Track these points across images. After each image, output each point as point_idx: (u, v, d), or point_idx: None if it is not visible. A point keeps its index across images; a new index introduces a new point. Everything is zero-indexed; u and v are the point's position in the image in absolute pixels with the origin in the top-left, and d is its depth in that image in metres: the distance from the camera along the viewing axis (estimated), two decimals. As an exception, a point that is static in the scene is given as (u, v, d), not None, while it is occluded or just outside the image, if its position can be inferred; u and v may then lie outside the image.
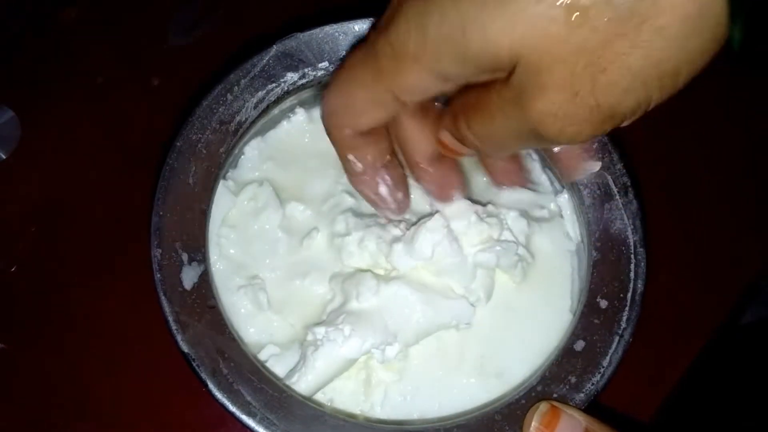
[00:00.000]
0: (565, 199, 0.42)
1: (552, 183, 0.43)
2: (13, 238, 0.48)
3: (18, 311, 0.46)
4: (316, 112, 0.44)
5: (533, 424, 0.31)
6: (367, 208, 0.41)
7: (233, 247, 0.40)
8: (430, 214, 0.39)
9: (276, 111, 0.42)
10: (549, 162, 0.42)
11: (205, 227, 0.37)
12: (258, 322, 0.39)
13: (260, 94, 0.39)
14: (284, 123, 0.44)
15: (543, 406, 0.32)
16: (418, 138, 0.35)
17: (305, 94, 0.42)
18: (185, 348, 0.33)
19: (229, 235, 0.41)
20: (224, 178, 0.41)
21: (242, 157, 0.43)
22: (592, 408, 0.34)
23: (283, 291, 0.40)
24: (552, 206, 0.43)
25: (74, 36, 0.54)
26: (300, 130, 0.44)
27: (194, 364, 0.33)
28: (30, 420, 0.44)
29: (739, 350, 0.51)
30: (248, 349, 0.36)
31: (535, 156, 0.44)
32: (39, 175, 0.50)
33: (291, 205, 0.42)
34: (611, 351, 0.35)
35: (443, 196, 0.39)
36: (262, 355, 0.38)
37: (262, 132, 0.43)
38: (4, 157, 0.50)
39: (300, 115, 0.44)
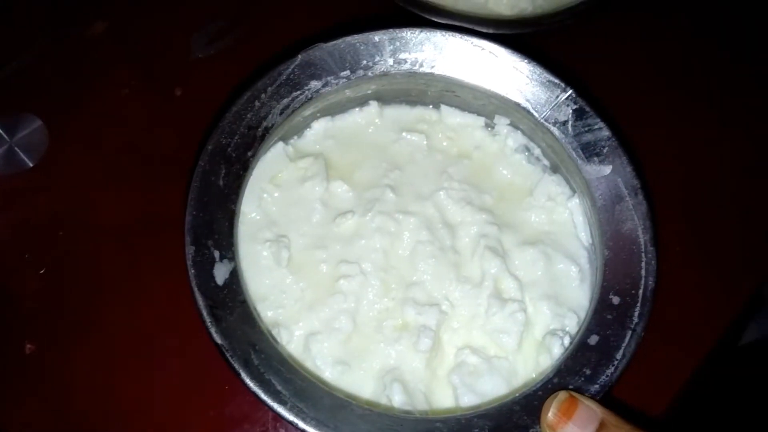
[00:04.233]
0: (575, 203, 0.44)
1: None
2: (42, 243, 0.49)
3: (46, 314, 0.47)
4: (388, 108, 0.47)
5: (551, 411, 0.32)
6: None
7: (274, 204, 0.43)
8: None
9: (299, 118, 0.44)
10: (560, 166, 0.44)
11: (234, 226, 0.38)
12: (274, 276, 0.41)
13: (285, 101, 0.41)
14: (357, 109, 0.47)
15: (562, 395, 0.33)
16: None
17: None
18: (218, 339, 0.34)
19: (273, 193, 0.44)
20: (286, 143, 0.44)
21: (308, 130, 0.46)
22: (607, 402, 0.34)
23: (304, 256, 0.42)
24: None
25: (101, 48, 0.56)
26: (368, 121, 0.47)
27: (227, 355, 0.34)
28: (56, 421, 0.45)
29: (750, 351, 0.52)
30: (279, 346, 0.37)
31: (546, 162, 0.46)
32: (66, 181, 0.51)
33: (336, 183, 0.44)
34: (624, 344, 0.36)
35: None
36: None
37: (331, 113, 0.46)
38: (32, 164, 0.52)
39: (373, 107, 0.47)
